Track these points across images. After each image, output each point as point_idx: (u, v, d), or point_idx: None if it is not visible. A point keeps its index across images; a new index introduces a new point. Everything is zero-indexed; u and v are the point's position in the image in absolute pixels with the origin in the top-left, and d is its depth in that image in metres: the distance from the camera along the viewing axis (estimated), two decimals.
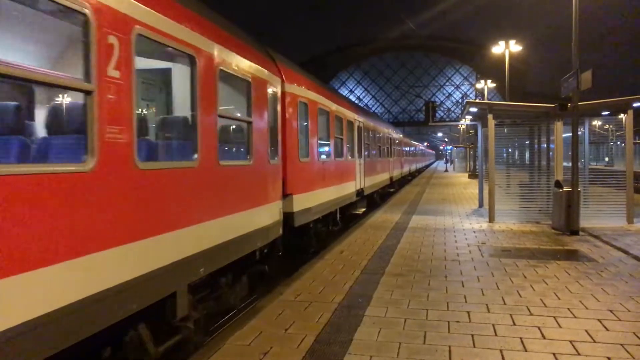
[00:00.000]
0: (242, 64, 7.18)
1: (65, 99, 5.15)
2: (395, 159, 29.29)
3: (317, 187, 11.58)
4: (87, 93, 3.95)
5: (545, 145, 16.91)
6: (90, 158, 3.97)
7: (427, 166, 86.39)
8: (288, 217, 9.66)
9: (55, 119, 4.88)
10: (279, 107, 9.13)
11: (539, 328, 5.87)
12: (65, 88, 4.39)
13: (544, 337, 5.58)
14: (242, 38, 7.60)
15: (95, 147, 4.00)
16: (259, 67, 7.95)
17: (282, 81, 9.54)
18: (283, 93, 9.59)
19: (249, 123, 7.50)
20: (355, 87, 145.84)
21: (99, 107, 4.03)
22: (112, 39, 4.21)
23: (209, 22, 6.33)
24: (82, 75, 4.00)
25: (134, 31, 4.52)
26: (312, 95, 11.49)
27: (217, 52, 6.30)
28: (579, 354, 5.09)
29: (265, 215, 8.03)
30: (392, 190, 28.61)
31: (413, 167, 49.43)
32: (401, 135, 34.94)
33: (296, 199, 10.00)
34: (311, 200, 11.05)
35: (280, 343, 5.50)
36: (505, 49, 33.24)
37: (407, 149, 41.65)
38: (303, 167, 10.68)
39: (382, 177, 23.08)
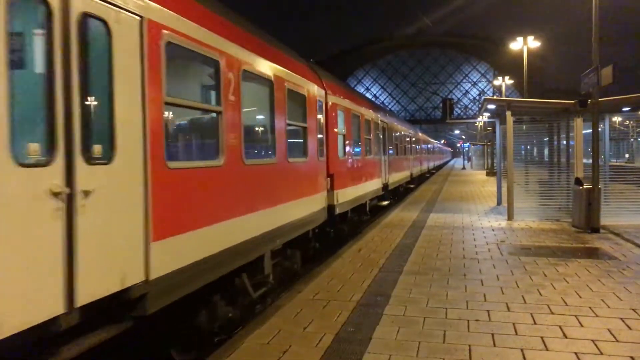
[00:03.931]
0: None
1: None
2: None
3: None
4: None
5: (564, 142, 16.71)
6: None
7: (444, 164, 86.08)
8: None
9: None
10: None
11: (560, 327, 5.82)
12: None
13: (565, 336, 5.53)
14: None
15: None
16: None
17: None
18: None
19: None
20: (372, 84, 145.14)
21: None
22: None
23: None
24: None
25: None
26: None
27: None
28: (601, 354, 5.04)
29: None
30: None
31: (433, 164, 54.53)
32: (423, 135, 44.18)
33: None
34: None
35: (299, 341, 5.53)
36: (524, 45, 32.69)
37: (427, 146, 48.15)
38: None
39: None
